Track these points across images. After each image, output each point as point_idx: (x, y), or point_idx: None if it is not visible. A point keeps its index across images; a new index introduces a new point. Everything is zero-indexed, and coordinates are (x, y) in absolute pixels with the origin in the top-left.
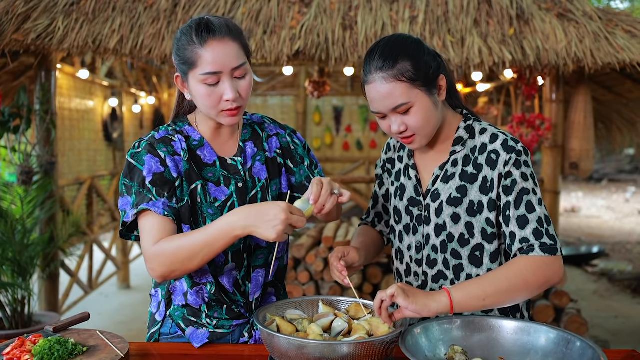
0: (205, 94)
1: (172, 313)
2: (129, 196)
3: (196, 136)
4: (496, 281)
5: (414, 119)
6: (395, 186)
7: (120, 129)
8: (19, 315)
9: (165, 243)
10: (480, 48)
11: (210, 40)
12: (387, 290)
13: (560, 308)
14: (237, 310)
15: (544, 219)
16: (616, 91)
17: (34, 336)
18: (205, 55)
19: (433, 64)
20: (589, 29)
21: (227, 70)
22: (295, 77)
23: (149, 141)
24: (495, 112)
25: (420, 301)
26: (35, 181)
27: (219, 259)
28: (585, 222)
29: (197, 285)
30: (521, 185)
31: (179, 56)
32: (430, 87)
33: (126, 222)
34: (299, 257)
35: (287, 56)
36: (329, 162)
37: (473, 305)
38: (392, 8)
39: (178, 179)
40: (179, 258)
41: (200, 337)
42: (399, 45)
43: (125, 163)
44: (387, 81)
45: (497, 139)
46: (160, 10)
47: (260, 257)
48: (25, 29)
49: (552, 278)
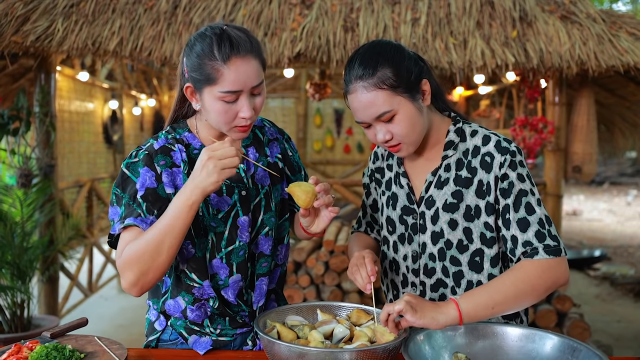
0: (221, 110)
1: (174, 323)
2: (118, 207)
3: (196, 144)
4: (503, 288)
5: (398, 127)
6: (386, 195)
7: (121, 131)
8: (18, 318)
9: (129, 246)
10: (482, 50)
11: (234, 58)
12: (395, 305)
13: (563, 312)
14: (240, 320)
15: (544, 219)
16: (619, 94)
17: (30, 342)
18: (228, 74)
19: (414, 68)
20: (593, 31)
21: (247, 88)
22: (296, 79)
23: (147, 151)
24: (497, 115)
25: (428, 315)
26: (35, 184)
27: (223, 273)
28: (587, 225)
29: (199, 301)
30: (519, 186)
31: (196, 70)
32: (413, 92)
33: (112, 234)
34: (300, 260)
35: (288, 58)
36: (330, 165)
37: (482, 314)
38: (394, 10)
39: (174, 194)
40: (148, 254)
41: (203, 345)
42: (378, 52)
43: (120, 172)
44: (367, 90)
45: (490, 141)
46: (160, 12)
47: (264, 265)
48: (25, 30)
49: (559, 280)
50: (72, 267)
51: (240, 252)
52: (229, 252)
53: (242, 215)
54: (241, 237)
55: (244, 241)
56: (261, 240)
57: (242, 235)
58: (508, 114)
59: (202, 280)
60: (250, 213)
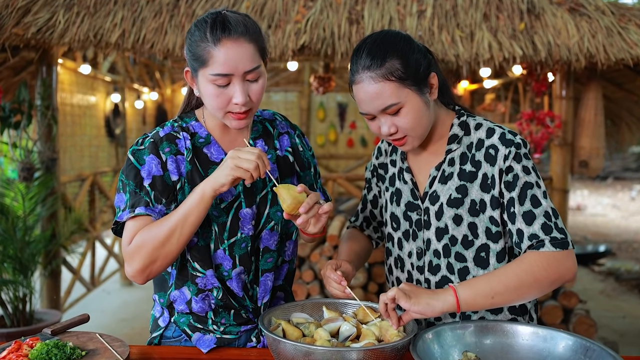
0: (213, 94)
1: (177, 319)
2: (124, 194)
3: (203, 133)
4: (505, 278)
5: (404, 120)
6: (390, 192)
7: (123, 124)
8: (20, 313)
9: (141, 233)
10: (490, 43)
11: (224, 40)
12: (388, 292)
13: (569, 309)
14: (245, 315)
15: (551, 212)
16: (627, 88)
17: (31, 339)
18: (218, 55)
19: (423, 61)
20: (602, 24)
21: (239, 73)
22: (300, 72)
23: (153, 139)
24: (503, 109)
25: (423, 301)
26: (37, 178)
27: (227, 264)
28: (591, 220)
29: (202, 292)
30: (524, 179)
31: (190, 51)
32: (421, 86)
33: (118, 222)
34: (303, 255)
35: (292, 51)
36: (333, 159)
37: (481, 303)
38: (399, 2)
39: (179, 181)
40: (158, 242)
41: (207, 343)
42: (387, 43)
43: (126, 159)
44: (375, 81)
45: (494, 133)
46: (163, 4)
47: (270, 261)
48: (26, 22)
49: (565, 274)
50: (74, 261)
51: (242, 245)
52: (232, 244)
53: (244, 207)
54: (243, 229)
55: (247, 234)
56: (266, 234)
57: (244, 227)
58: (513, 109)
59: (205, 270)
60: (255, 206)
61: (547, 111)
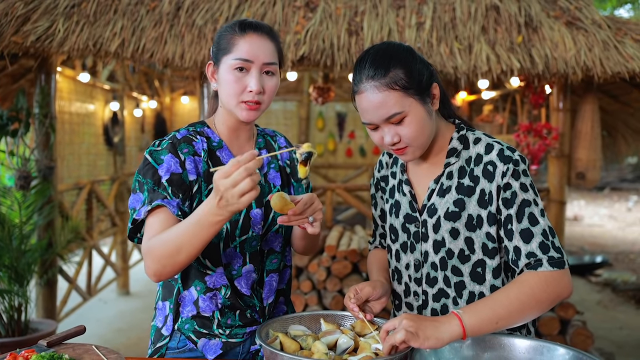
0: (232, 79)
1: (181, 326)
2: (141, 193)
3: (215, 138)
4: (507, 302)
5: (407, 129)
6: (390, 203)
7: (121, 133)
8: (16, 322)
9: (155, 237)
10: (488, 55)
11: (250, 32)
12: (396, 335)
13: (566, 320)
14: (250, 315)
15: (548, 231)
16: (623, 100)
17: (26, 351)
18: (242, 43)
19: (425, 72)
20: (598, 38)
21: (259, 62)
22: (299, 82)
23: (171, 140)
24: (501, 120)
25: (432, 337)
26: (34, 186)
27: (237, 262)
28: (588, 230)
29: (210, 291)
30: (522, 196)
31: (216, 44)
32: (424, 95)
33: (137, 219)
34: (302, 265)
35: (291, 61)
36: (332, 169)
37: (485, 329)
38: (399, 14)
39: (196, 181)
40: (167, 251)
41: (213, 349)
42: (390, 53)
43: (142, 159)
44: (379, 90)
45: (493, 149)
46: (163, 14)
47: (274, 262)
48: (25, 31)
49: (563, 293)
50: (70, 270)
51: (253, 242)
52: (243, 242)
53: (255, 207)
54: (254, 228)
55: (257, 232)
56: (271, 236)
57: (255, 226)
58: (511, 120)
59: (216, 267)
60: (263, 207)
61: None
